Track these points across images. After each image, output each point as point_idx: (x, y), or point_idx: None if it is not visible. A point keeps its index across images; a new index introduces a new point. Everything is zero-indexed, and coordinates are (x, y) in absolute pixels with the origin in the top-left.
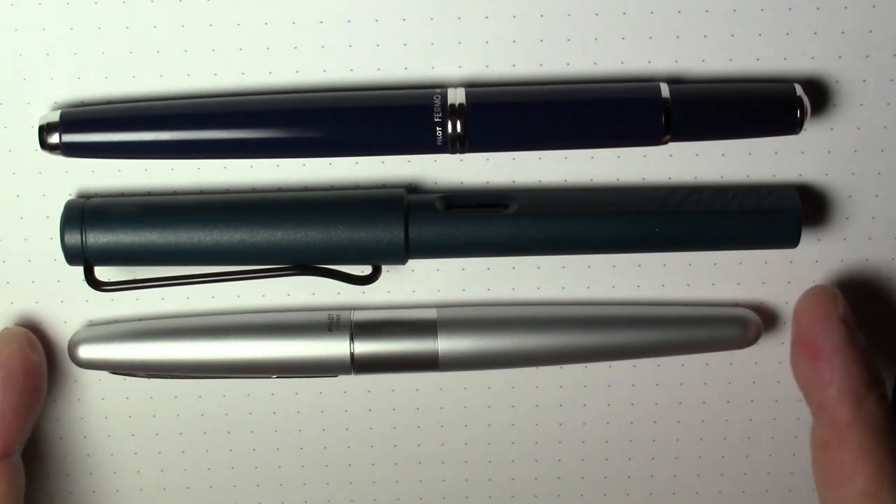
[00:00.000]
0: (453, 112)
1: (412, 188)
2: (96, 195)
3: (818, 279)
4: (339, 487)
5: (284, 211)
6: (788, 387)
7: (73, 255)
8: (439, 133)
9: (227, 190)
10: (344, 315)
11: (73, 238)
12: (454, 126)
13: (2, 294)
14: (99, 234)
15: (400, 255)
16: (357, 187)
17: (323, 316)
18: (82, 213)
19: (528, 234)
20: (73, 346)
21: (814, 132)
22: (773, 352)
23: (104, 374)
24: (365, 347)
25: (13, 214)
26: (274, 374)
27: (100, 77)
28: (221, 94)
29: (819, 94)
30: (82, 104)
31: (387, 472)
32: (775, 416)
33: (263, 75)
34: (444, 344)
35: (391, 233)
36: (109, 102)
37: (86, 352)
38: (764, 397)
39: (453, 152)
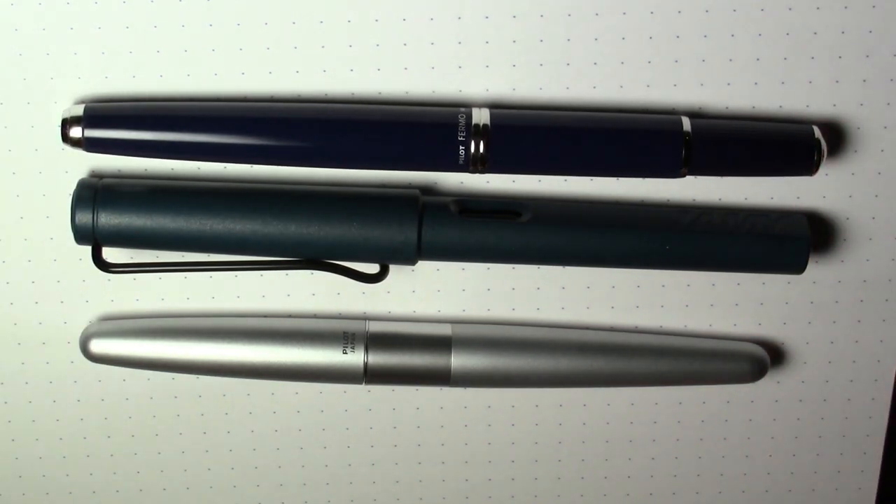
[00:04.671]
0: (477, 132)
1: (426, 190)
2: (109, 175)
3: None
4: (339, 487)
5: (299, 204)
6: (789, 387)
7: (83, 235)
8: (462, 152)
9: (238, 181)
10: (359, 326)
11: (85, 217)
12: (477, 146)
13: (14, 290)
14: (110, 214)
15: (411, 255)
16: (367, 186)
17: (339, 326)
18: (95, 193)
19: (539, 244)
20: (85, 340)
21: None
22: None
23: (104, 375)
24: (379, 359)
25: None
26: (286, 379)
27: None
28: (248, 99)
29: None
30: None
31: (387, 472)
32: (775, 417)
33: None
34: (458, 361)
35: (404, 233)
36: (136, 100)
37: (98, 346)
38: (764, 397)
39: (474, 172)
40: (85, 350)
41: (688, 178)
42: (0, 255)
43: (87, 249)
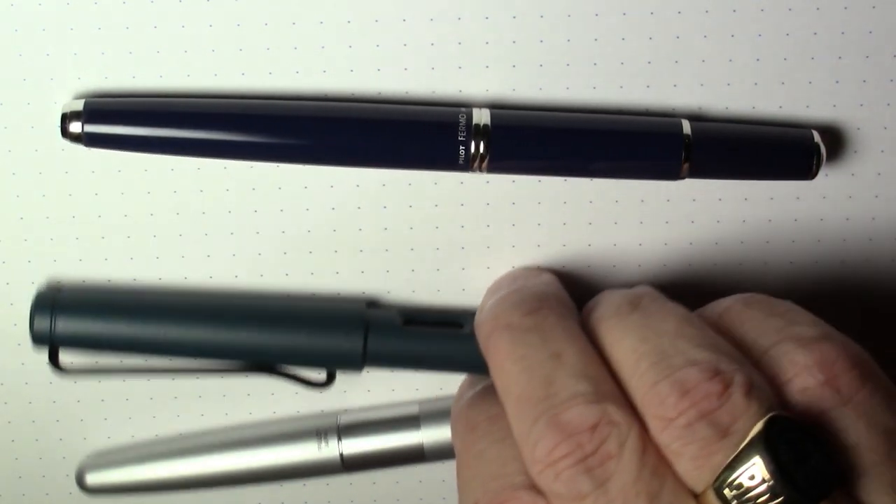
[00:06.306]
0: (477, 132)
1: (372, 302)
2: (66, 284)
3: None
4: (340, 488)
5: (252, 314)
6: None
7: (40, 339)
8: (462, 152)
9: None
10: (330, 422)
11: (42, 323)
12: (477, 146)
13: (14, 291)
14: (67, 321)
15: (357, 364)
16: (317, 297)
17: (311, 424)
18: (53, 301)
19: (480, 355)
20: (79, 474)
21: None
22: None
23: (104, 377)
24: (353, 448)
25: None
26: (268, 482)
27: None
28: (249, 96)
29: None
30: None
31: (387, 472)
32: None
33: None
34: (428, 436)
35: (350, 344)
36: (136, 95)
37: (92, 478)
38: None
39: (473, 171)
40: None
41: (689, 191)
42: (0, 256)
43: None
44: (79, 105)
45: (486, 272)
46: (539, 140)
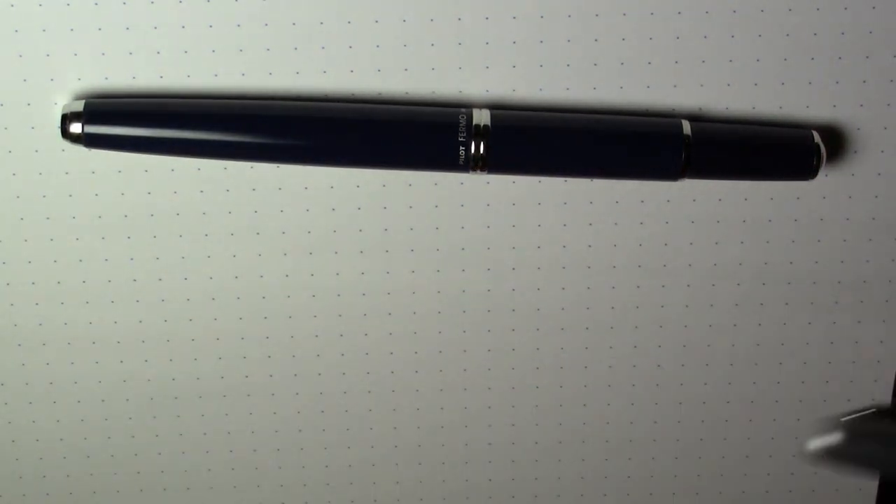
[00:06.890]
0: (477, 133)
1: None
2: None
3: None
4: (340, 489)
5: None
6: (788, 387)
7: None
8: (462, 152)
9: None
10: None
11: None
12: (477, 146)
13: (14, 291)
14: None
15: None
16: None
17: None
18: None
19: None
20: None
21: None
22: (774, 350)
23: (104, 376)
24: None
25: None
26: None
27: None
28: (249, 96)
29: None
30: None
31: (387, 473)
32: (775, 417)
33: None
34: None
35: None
36: (137, 96)
37: None
38: (763, 397)
39: (473, 171)
40: None
41: (689, 192)
42: (0, 256)
43: (89, 255)
44: (79, 106)
45: (485, 273)
46: (539, 140)
